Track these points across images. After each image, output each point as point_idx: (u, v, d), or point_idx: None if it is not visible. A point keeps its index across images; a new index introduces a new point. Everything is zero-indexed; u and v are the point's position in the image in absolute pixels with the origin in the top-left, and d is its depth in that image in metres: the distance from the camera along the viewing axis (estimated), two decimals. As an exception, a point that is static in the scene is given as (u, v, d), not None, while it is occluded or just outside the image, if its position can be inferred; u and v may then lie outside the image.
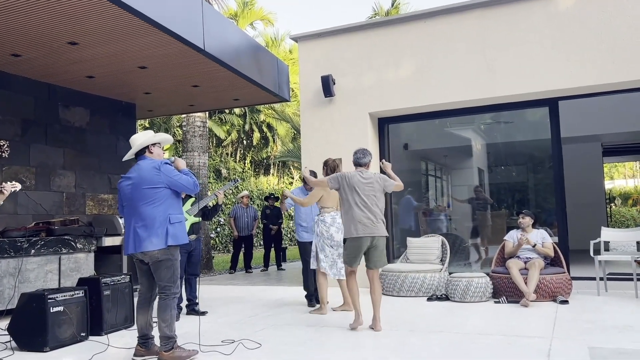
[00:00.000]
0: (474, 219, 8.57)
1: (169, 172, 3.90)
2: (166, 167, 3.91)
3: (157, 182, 3.85)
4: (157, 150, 4.07)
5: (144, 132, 4.16)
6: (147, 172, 3.87)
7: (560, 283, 6.01)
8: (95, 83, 7.70)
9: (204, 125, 11.45)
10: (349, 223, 4.84)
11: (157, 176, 3.85)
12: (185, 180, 3.92)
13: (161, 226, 3.82)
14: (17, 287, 5.67)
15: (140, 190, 3.85)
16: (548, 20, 6.94)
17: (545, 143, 7.46)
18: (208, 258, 11.17)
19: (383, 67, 7.82)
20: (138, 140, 4.02)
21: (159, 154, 4.08)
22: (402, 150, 8.98)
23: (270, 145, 23.93)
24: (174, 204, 3.94)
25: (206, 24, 6.44)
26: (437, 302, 6.21)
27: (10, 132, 7.04)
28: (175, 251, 3.93)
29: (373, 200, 4.85)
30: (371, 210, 4.81)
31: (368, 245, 4.82)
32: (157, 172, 3.86)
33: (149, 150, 4.03)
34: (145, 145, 4.01)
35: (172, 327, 3.88)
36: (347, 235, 4.89)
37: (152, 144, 4.03)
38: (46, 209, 7.41)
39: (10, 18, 5.29)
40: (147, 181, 3.85)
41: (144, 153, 4.01)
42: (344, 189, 4.89)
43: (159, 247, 3.80)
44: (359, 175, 4.90)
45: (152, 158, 4.00)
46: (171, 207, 3.90)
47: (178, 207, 3.99)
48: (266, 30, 23.44)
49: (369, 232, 4.78)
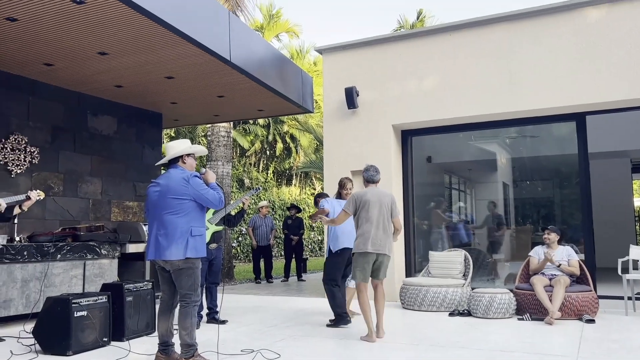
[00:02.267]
0: (497, 234, 8.44)
1: (197, 185, 3.92)
2: (195, 180, 3.94)
3: (184, 194, 3.88)
4: (190, 160, 4.11)
5: (182, 140, 4.19)
6: (176, 182, 3.91)
7: (586, 301, 5.87)
8: (123, 92, 7.87)
9: (228, 135, 11.57)
10: (360, 238, 4.96)
11: (185, 188, 3.89)
12: (211, 195, 3.94)
13: (182, 237, 3.84)
14: (42, 291, 5.78)
15: (165, 199, 3.90)
16: (575, 34, 6.86)
17: (572, 158, 7.33)
18: (229, 267, 11.22)
19: (407, 79, 7.81)
20: (174, 148, 4.06)
21: (192, 165, 4.11)
22: (425, 162, 8.93)
23: (293, 155, 24.04)
24: (197, 216, 3.96)
25: (233, 36, 6.54)
26: (459, 318, 6.12)
27: (41, 138, 7.22)
28: (196, 260, 3.95)
29: (384, 218, 4.97)
30: (379, 228, 4.93)
31: (374, 261, 4.95)
32: (185, 184, 3.89)
33: (182, 160, 4.07)
34: (180, 155, 4.05)
35: (192, 334, 3.91)
36: (357, 250, 4.98)
37: (187, 154, 4.08)
38: (73, 214, 7.56)
39: (44, 28, 5.45)
40: (174, 191, 3.89)
41: (177, 162, 4.06)
42: (357, 207, 5.04)
43: (177, 257, 3.83)
44: (371, 193, 5.03)
45: (184, 168, 4.04)
46: (194, 219, 3.92)
47: (201, 220, 4.01)
48: (291, 42, 23.65)
49: (376, 249, 4.91)
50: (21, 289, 5.67)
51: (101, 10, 5.05)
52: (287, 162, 24.13)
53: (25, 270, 5.72)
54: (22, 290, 5.68)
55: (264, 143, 23.01)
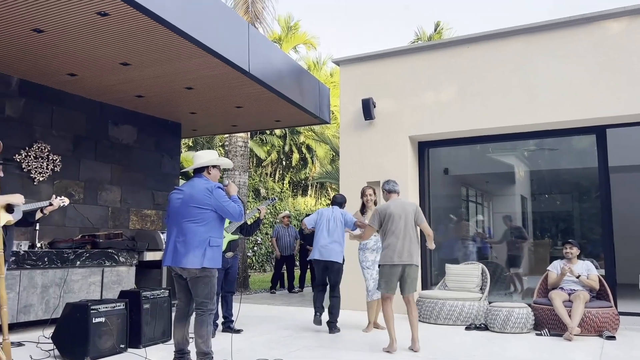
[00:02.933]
0: (515, 248, 8.35)
1: (220, 197, 3.97)
2: (218, 191, 3.99)
3: (206, 204, 3.94)
4: (215, 172, 4.17)
5: (209, 151, 4.27)
6: (199, 192, 3.97)
7: (606, 317, 5.77)
8: (144, 102, 7.99)
9: (245, 145, 11.67)
10: (387, 250, 5.00)
11: (208, 198, 3.94)
12: (232, 208, 3.99)
13: (200, 246, 3.88)
14: (62, 297, 5.87)
15: (187, 207, 3.95)
16: (595, 47, 6.81)
17: (591, 171, 7.24)
18: (244, 276, 11.25)
19: (424, 90, 7.82)
20: (202, 157, 4.14)
21: (216, 176, 4.17)
22: (442, 174, 8.89)
23: (309, 166, 24.09)
24: (216, 226, 4.01)
25: (252, 48, 6.62)
26: (475, 332, 6.05)
27: (63, 147, 7.36)
28: (213, 269, 3.99)
29: (409, 228, 5.01)
30: (406, 239, 4.95)
31: (401, 273, 4.97)
32: (208, 195, 3.95)
33: (208, 170, 4.13)
34: (207, 165, 4.12)
35: (208, 343, 3.93)
36: (383, 262, 5.03)
37: (213, 165, 4.15)
38: (92, 222, 7.67)
39: (69, 40, 5.58)
40: (196, 200, 3.94)
41: (202, 171, 4.12)
42: (382, 221, 5.09)
43: (194, 266, 3.87)
44: (394, 205, 5.09)
45: (208, 179, 4.10)
46: (213, 229, 3.98)
47: (220, 231, 4.06)
48: (308, 53, 23.83)
49: (402, 261, 4.93)
50: (41, 294, 5.76)
51: (124, 22, 5.16)
52: (303, 172, 24.19)
53: (46, 276, 5.81)
54: (42, 296, 5.77)
55: (280, 153, 23.12)
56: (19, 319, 5.53)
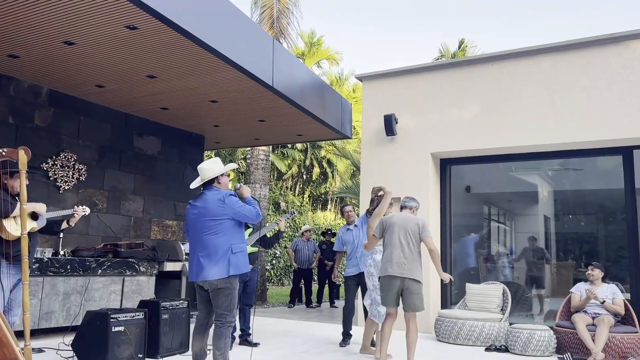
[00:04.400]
0: (537, 269, 8.19)
1: (233, 204, 3.94)
2: (231, 199, 3.95)
3: (221, 214, 3.91)
4: (225, 180, 4.12)
5: (214, 160, 4.18)
6: (212, 203, 3.93)
7: (632, 343, 5.60)
8: (169, 114, 8.12)
9: (267, 159, 11.75)
10: (384, 261, 4.91)
11: (222, 208, 3.91)
12: (248, 211, 3.97)
13: (223, 256, 3.87)
14: (82, 304, 5.94)
15: (204, 222, 3.93)
16: (623, 66, 6.72)
17: (618, 193, 7.10)
18: (262, 289, 11.25)
19: (447, 108, 7.78)
20: (210, 170, 4.04)
21: (226, 184, 4.13)
22: (464, 192, 8.80)
23: (329, 180, 24.10)
24: (236, 233, 3.99)
25: (276, 62, 6.69)
26: (495, 353, 5.93)
27: (88, 156, 7.50)
28: (234, 280, 3.97)
29: (409, 242, 4.83)
30: (404, 251, 4.80)
31: (399, 286, 4.78)
32: (221, 205, 3.91)
33: (217, 180, 4.06)
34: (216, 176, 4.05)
35: (226, 355, 3.92)
36: (381, 274, 4.94)
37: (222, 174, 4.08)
38: (114, 231, 7.77)
39: (98, 52, 5.72)
40: (212, 213, 3.91)
41: (212, 183, 4.05)
42: (383, 230, 5.01)
43: (220, 276, 3.85)
44: (398, 217, 4.98)
45: (219, 188, 4.04)
46: (234, 237, 3.95)
47: (240, 236, 4.04)
48: (331, 69, 23.97)
49: (399, 273, 4.77)
50: (62, 301, 5.83)
51: (152, 35, 5.28)
52: (323, 186, 24.20)
53: (68, 284, 5.90)
54: (64, 303, 5.84)
55: (301, 167, 23.19)
56: (40, 325, 5.61)
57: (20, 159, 3.44)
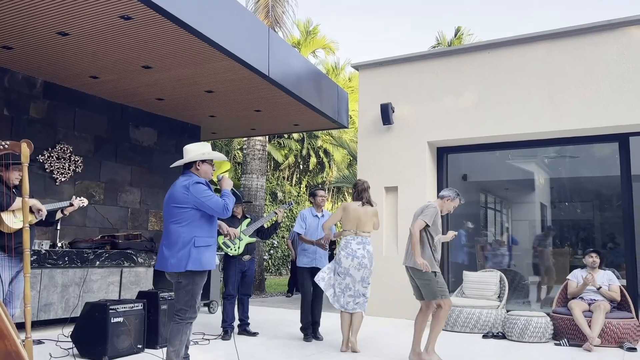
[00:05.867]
0: (534, 256, 8.24)
1: (198, 192, 3.66)
2: (197, 187, 3.68)
3: (184, 202, 3.66)
4: (206, 167, 3.84)
5: (201, 144, 3.99)
6: (178, 190, 3.71)
7: (627, 328, 5.66)
8: (164, 105, 8.08)
9: (263, 149, 11.72)
10: None
11: (185, 196, 3.67)
12: (213, 203, 3.66)
13: (183, 248, 3.61)
14: (81, 296, 5.95)
15: (169, 208, 3.73)
16: (619, 53, 6.71)
17: (614, 180, 7.13)
18: (261, 280, 11.28)
19: (444, 96, 7.77)
20: (189, 152, 3.85)
21: (206, 172, 3.84)
22: (460, 180, 8.82)
23: (326, 170, 24.09)
24: (203, 226, 3.72)
25: (271, 52, 6.66)
26: (493, 340, 5.98)
27: (85, 148, 7.47)
28: (198, 277, 3.68)
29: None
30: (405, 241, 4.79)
31: (410, 275, 4.71)
32: (185, 192, 3.67)
33: (196, 165, 3.82)
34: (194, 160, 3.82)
35: (180, 352, 3.67)
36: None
37: (202, 160, 3.83)
38: (112, 223, 7.76)
39: (93, 43, 5.68)
40: (175, 199, 3.70)
41: (191, 167, 3.83)
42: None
43: (178, 269, 3.61)
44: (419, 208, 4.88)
45: (196, 175, 3.79)
46: (199, 229, 3.68)
47: (208, 230, 3.75)
48: (327, 58, 23.87)
49: (404, 261, 4.74)
50: (61, 293, 5.84)
51: (147, 25, 5.24)
52: (320, 176, 24.20)
53: (66, 275, 5.90)
54: (62, 295, 5.85)
55: (297, 157, 23.17)
56: (40, 317, 5.62)
57: (22, 152, 3.42)
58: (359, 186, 5.36)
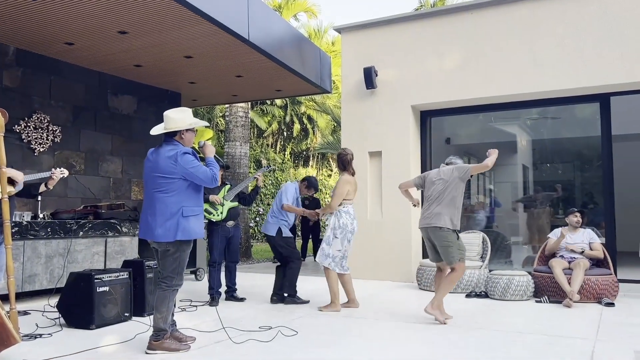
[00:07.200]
0: (516, 217, 8.38)
1: (186, 163, 3.62)
2: (185, 157, 3.63)
3: (172, 172, 3.62)
4: (189, 135, 3.79)
5: (182, 109, 3.86)
6: (164, 160, 3.65)
7: (606, 284, 5.82)
8: (143, 72, 7.90)
9: (246, 116, 11.59)
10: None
11: (173, 167, 3.62)
12: (202, 173, 3.63)
13: (172, 218, 3.60)
14: (66, 266, 5.92)
15: (154, 178, 3.68)
16: (602, 14, 6.68)
17: (594, 140, 7.20)
18: (247, 246, 11.34)
19: (427, 59, 7.71)
20: (173, 121, 3.73)
21: (189, 140, 3.79)
22: (444, 144, 8.86)
23: (310, 137, 24.00)
24: (191, 195, 3.70)
25: (251, 15, 6.50)
26: (476, 299, 6.12)
27: (63, 118, 7.31)
28: (185, 245, 3.71)
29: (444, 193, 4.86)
30: (434, 203, 4.89)
31: (428, 237, 4.94)
32: (173, 163, 3.62)
33: (180, 134, 3.75)
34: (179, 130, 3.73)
35: (167, 319, 3.72)
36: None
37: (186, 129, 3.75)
38: (94, 193, 7.68)
39: (65, 7, 5.48)
40: (161, 169, 3.65)
41: (174, 135, 3.74)
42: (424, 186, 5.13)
43: (167, 239, 3.61)
44: (434, 172, 5.10)
45: (180, 143, 3.73)
46: (187, 199, 3.67)
47: (195, 199, 3.73)
48: (309, 22, 23.50)
49: (424, 224, 4.92)
50: (45, 264, 5.81)
51: (121, -12, 5.06)
52: (304, 143, 24.12)
53: (49, 247, 5.85)
54: (46, 266, 5.82)
55: (281, 124, 23.00)
56: (24, 289, 5.59)
57: (-3, 122, 3.32)
58: (348, 157, 5.55)
